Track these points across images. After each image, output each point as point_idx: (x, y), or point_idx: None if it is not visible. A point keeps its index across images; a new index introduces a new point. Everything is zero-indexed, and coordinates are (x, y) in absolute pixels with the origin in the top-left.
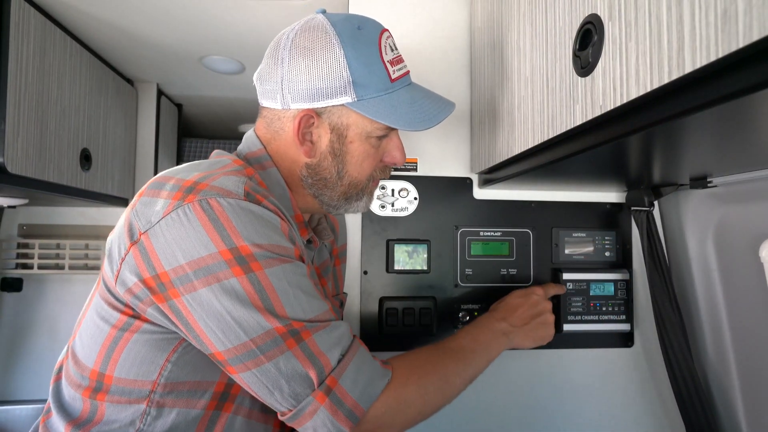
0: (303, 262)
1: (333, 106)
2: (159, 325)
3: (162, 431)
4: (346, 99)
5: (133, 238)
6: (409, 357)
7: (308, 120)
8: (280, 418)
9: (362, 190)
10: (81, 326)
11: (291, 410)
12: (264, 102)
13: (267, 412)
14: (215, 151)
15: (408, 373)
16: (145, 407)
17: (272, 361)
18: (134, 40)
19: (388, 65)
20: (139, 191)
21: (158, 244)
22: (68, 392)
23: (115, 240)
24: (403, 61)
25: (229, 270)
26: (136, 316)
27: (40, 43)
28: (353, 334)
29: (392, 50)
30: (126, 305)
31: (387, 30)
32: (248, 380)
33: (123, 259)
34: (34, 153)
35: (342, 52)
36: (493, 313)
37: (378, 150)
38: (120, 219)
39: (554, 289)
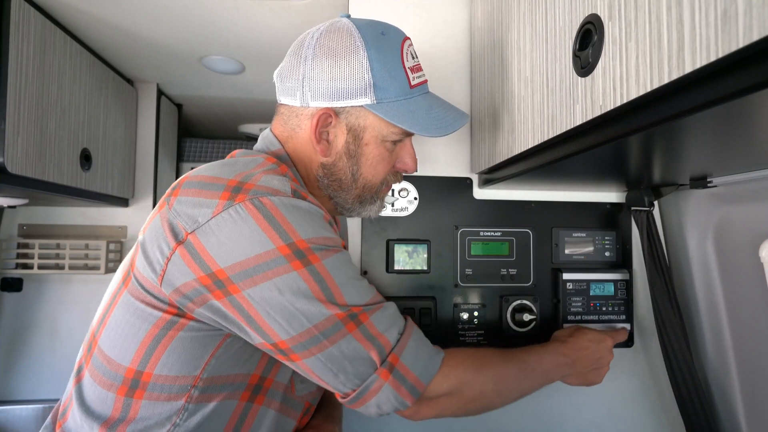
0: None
1: (352, 106)
2: (205, 323)
3: (197, 424)
4: (366, 101)
5: (179, 238)
6: (466, 350)
7: (326, 119)
8: (341, 400)
9: (376, 194)
10: (107, 326)
11: (355, 390)
12: (283, 99)
13: (294, 407)
14: (239, 151)
15: (467, 360)
16: (184, 403)
17: (335, 345)
18: (134, 40)
19: (408, 72)
20: (173, 191)
21: (210, 244)
22: (96, 392)
23: (152, 240)
24: (422, 69)
25: (289, 264)
26: (181, 315)
27: (40, 43)
28: (404, 315)
29: (413, 58)
30: (170, 304)
31: (409, 38)
32: (312, 366)
33: (168, 259)
34: (34, 153)
35: (366, 54)
36: (560, 346)
37: (392, 155)
38: (152, 219)
39: (621, 337)
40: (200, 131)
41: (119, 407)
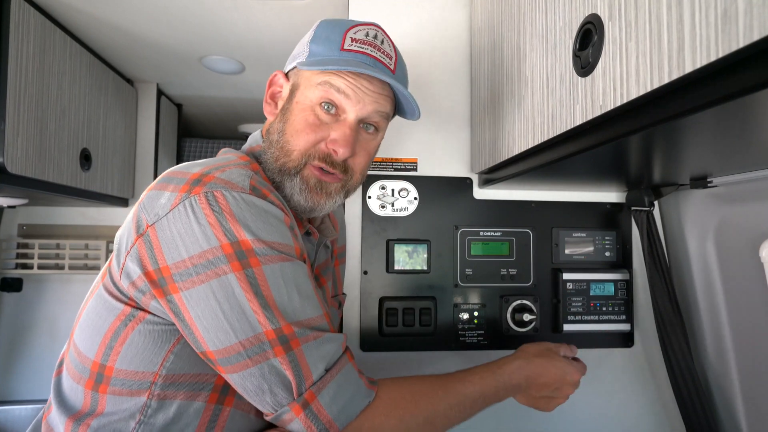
0: (305, 260)
1: (292, 68)
2: (162, 317)
3: (164, 424)
4: (301, 59)
5: (140, 231)
6: (404, 386)
7: (276, 80)
8: (265, 418)
9: (296, 167)
10: (81, 318)
11: (272, 413)
12: None
13: None
14: (223, 149)
15: (394, 404)
16: (146, 399)
17: (257, 366)
18: (134, 40)
19: (348, 39)
20: (149, 186)
21: (164, 237)
22: (69, 385)
23: (124, 234)
24: (379, 50)
25: (228, 265)
26: (140, 308)
27: (40, 43)
28: (345, 347)
29: (369, 37)
30: (129, 298)
31: (381, 28)
32: (235, 381)
33: (128, 252)
34: (34, 153)
35: (318, 25)
36: (521, 368)
37: (321, 126)
38: (128, 214)
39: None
40: (200, 131)
41: (88, 401)
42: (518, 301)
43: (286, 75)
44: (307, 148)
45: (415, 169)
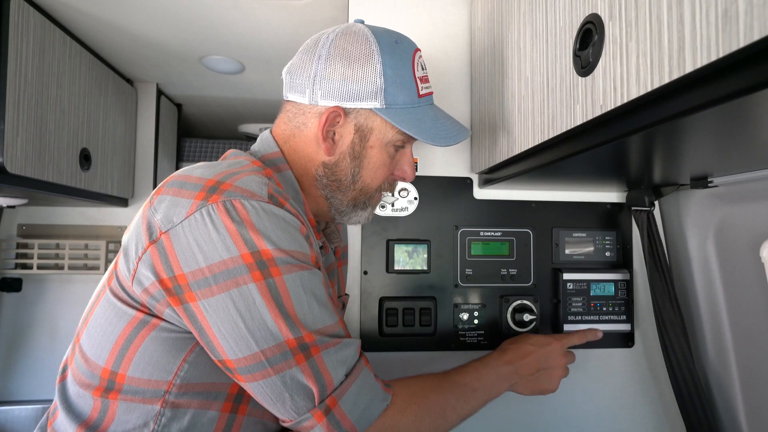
0: (319, 268)
1: (361, 108)
2: (176, 325)
3: None
4: (375, 104)
5: (152, 237)
6: (411, 383)
7: (335, 117)
8: (282, 424)
9: (369, 199)
10: (89, 324)
11: (291, 420)
12: (290, 95)
13: None
14: (231, 151)
15: (408, 401)
16: (160, 408)
17: (279, 375)
18: (134, 40)
19: (418, 81)
20: (157, 188)
21: (179, 245)
22: (76, 391)
23: (132, 238)
24: (429, 81)
25: (249, 275)
26: (153, 315)
27: (40, 43)
28: (360, 352)
29: (422, 69)
30: (142, 304)
31: (419, 49)
32: (253, 388)
33: (140, 258)
34: (33, 153)
35: (380, 60)
36: (502, 354)
37: (392, 161)
38: (136, 217)
39: (578, 339)
40: (200, 131)
41: (97, 407)
42: (518, 301)
43: (344, 111)
44: (383, 182)
45: (416, 169)
